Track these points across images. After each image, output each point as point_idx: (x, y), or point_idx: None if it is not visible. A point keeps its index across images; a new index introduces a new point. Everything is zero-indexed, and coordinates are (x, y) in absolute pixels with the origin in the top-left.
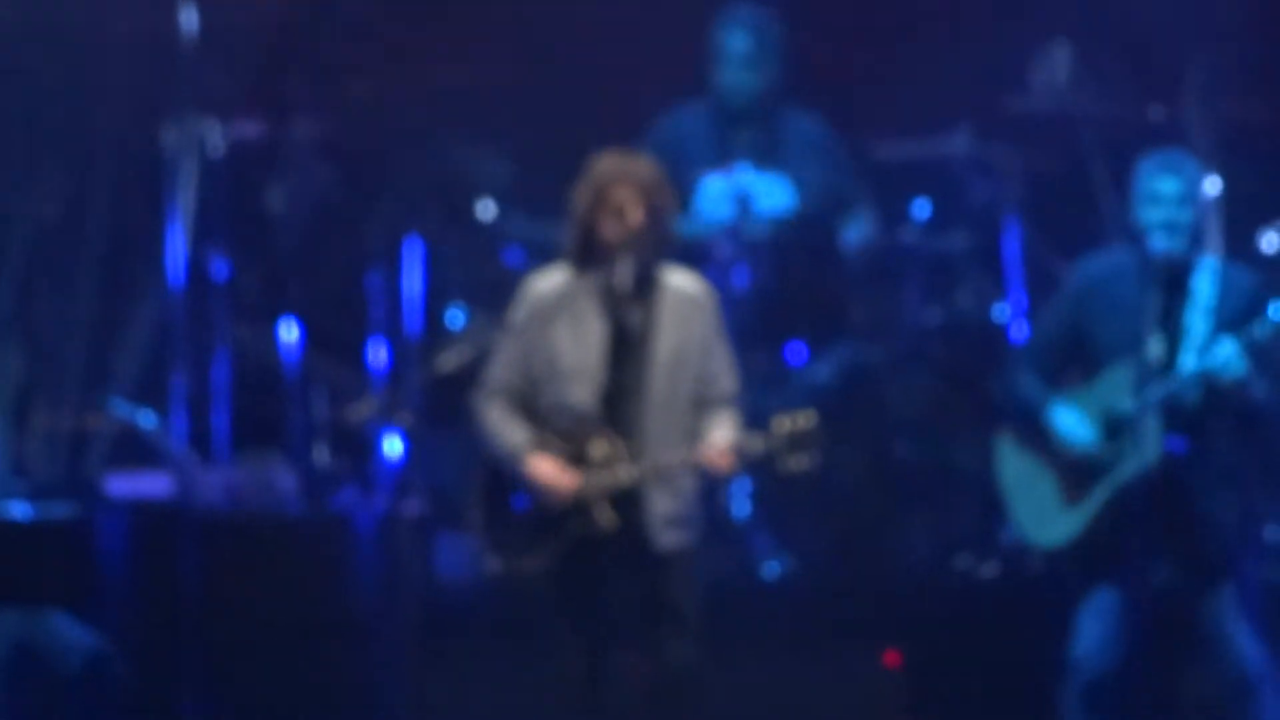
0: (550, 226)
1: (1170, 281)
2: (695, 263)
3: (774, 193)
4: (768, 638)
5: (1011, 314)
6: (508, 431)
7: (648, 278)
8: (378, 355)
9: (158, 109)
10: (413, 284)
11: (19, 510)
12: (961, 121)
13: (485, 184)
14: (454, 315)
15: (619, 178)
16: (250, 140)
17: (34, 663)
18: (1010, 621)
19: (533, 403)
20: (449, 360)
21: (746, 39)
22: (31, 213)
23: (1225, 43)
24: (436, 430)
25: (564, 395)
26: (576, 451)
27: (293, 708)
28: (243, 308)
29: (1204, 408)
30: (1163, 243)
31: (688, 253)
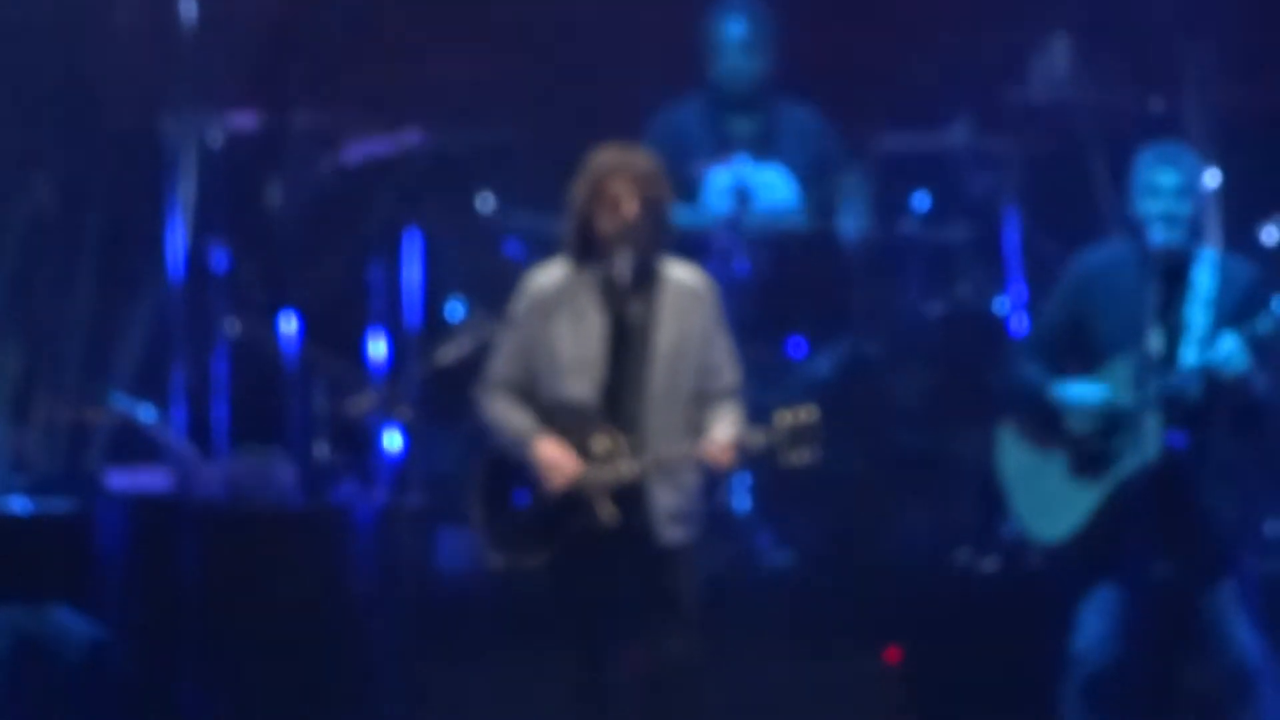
0: (550, 219)
1: (1169, 274)
2: (695, 255)
3: (776, 185)
4: (767, 632)
5: (1012, 306)
6: (513, 418)
7: (648, 270)
8: (377, 348)
9: (157, 100)
10: (412, 277)
11: (19, 504)
12: (961, 113)
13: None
14: (454, 308)
15: (615, 171)
16: (250, 131)
17: (35, 654)
18: (1010, 616)
19: (534, 397)
20: (449, 353)
21: (743, 24)
22: (31, 205)
23: (1224, 34)
24: (436, 423)
25: (564, 390)
26: (578, 446)
27: (292, 701)
28: (242, 301)
29: (1205, 402)
30: (1162, 235)
31: (688, 245)
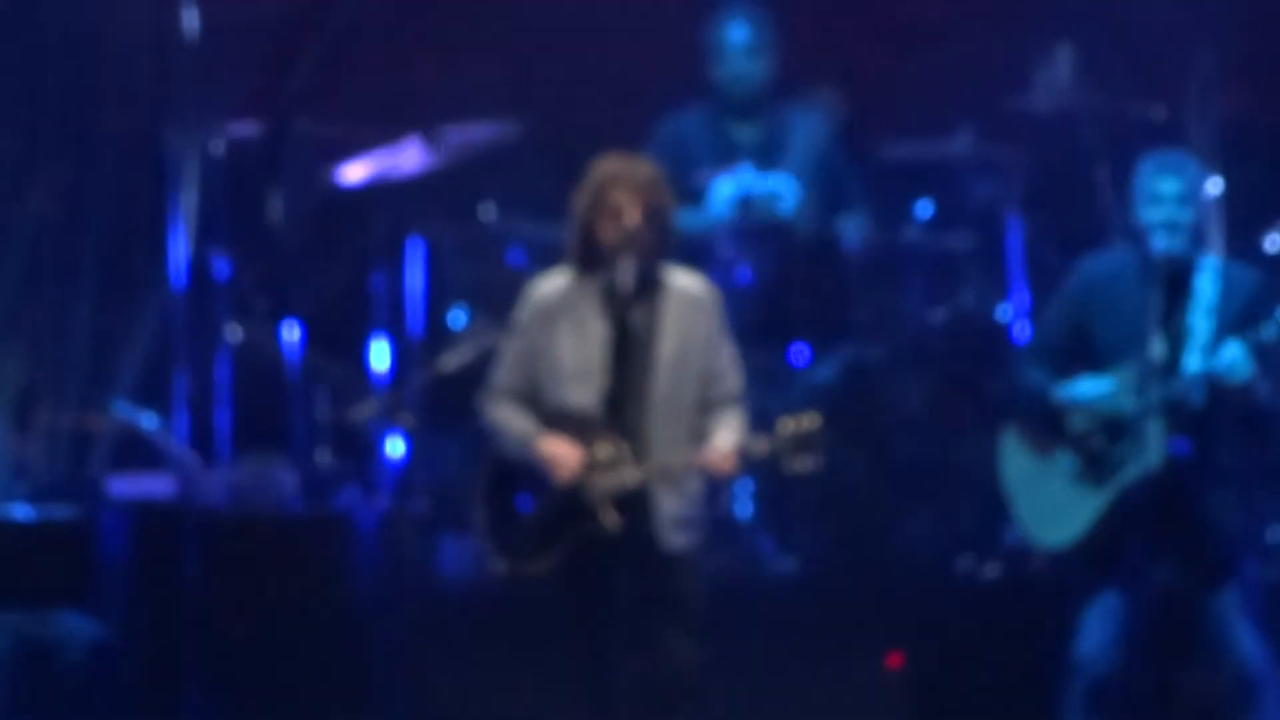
0: (553, 228)
1: (1172, 281)
2: (698, 262)
3: (780, 193)
4: (770, 638)
5: (1014, 313)
6: (517, 422)
7: (650, 278)
8: (380, 355)
9: (160, 109)
10: (415, 284)
11: (21, 512)
12: (964, 121)
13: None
14: (456, 315)
15: (616, 180)
16: (252, 140)
17: (39, 657)
18: (1013, 622)
19: (537, 405)
20: (451, 360)
21: (746, 29)
22: (33, 213)
23: (1227, 42)
24: (438, 430)
25: (567, 398)
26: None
27: (295, 707)
28: (244, 308)
29: (1208, 410)
30: (1163, 242)
31: (691, 252)
